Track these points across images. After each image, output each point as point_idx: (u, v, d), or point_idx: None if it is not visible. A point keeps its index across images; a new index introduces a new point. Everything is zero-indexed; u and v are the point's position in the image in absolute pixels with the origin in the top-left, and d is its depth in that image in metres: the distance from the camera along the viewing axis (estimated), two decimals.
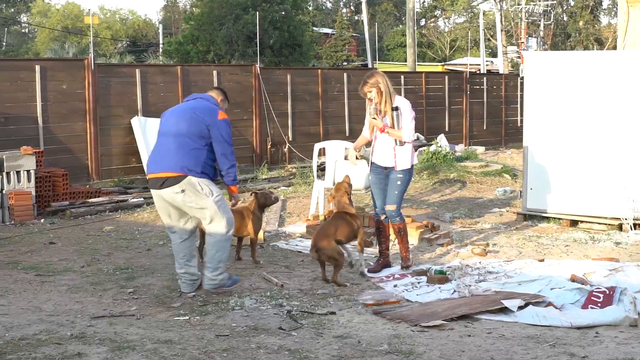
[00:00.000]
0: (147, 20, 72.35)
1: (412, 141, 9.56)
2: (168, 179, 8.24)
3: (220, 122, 8.34)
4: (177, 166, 8.22)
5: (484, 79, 30.21)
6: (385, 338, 6.81)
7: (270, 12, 31.09)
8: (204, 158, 8.28)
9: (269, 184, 17.49)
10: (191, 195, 8.24)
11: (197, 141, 8.26)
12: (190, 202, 8.27)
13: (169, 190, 8.26)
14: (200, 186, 8.24)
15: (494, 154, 25.66)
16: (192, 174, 8.21)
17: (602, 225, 12.30)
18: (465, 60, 52.83)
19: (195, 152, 8.25)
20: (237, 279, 8.63)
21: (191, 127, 8.31)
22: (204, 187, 8.26)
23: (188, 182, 8.20)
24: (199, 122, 8.31)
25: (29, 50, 59.00)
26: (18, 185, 13.39)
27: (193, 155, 8.25)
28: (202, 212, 8.35)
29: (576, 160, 12.50)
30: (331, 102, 23.06)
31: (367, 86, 9.42)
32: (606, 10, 72.91)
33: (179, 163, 8.22)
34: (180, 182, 8.20)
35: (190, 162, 8.22)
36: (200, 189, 8.24)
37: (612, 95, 12.23)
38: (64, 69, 17.37)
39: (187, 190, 8.22)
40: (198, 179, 8.24)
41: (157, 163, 8.39)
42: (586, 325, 7.23)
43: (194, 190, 8.23)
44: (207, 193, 8.28)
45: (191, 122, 8.33)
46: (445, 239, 11.31)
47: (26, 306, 7.88)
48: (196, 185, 8.22)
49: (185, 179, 8.19)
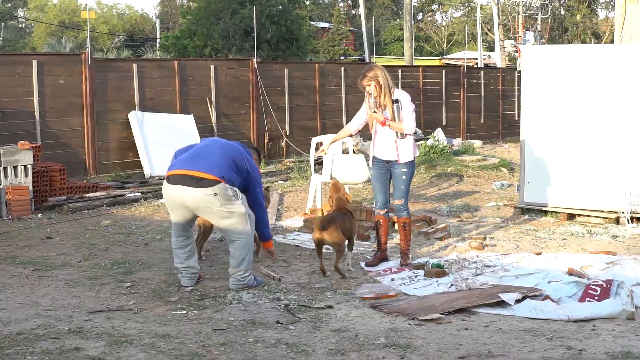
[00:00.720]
0: (144, 14, 72.38)
1: (413, 134, 9.56)
2: (203, 180, 8.22)
3: (258, 173, 8.75)
4: (216, 171, 8.27)
5: (481, 73, 30.21)
6: (383, 332, 6.82)
7: (267, 6, 31.05)
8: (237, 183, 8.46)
9: (266, 178, 17.49)
10: (222, 200, 8.25)
11: (235, 169, 8.43)
12: (217, 207, 8.27)
13: (201, 191, 8.21)
14: (231, 191, 8.30)
15: (491, 147, 25.67)
16: (226, 182, 8.28)
17: (600, 219, 12.31)
18: (463, 54, 52.84)
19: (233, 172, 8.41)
20: (261, 281, 8.60)
21: (236, 157, 8.52)
22: (232, 192, 8.32)
23: (222, 187, 8.24)
24: (242, 159, 8.58)
25: (26, 45, 58.96)
26: (15, 180, 13.38)
27: (232, 172, 8.38)
28: (230, 216, 8.34)
29: (573, 154, 12.50)
30: (328, 96, 23.06)
31: (365, 79, 9.40)
32: (603, 4, 72.87)
33: (219, 169, 8.29)
34: (213, 185, 8.21)
35: (228, 174, 8.33)
36: (231, 194, 8.27)
37: (610, 89, 12.23)
38: (61, 63, 17.36)
39: (219, 195, 8.24)
40: (229, 186, 8.30)
41: (194, 162, 8.39)
42: (583, 318, 7.24)
43: (225, 195, 8.26)
44: (235, 196, 8.34)
45: (236, 153, 8.57)
46: (443, 232, 11.31)
47: (24, 301, 7.88)
48: (228, 190, 8.27)
49: (220, 184, 8.22)
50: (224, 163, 8.34)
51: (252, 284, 8.43)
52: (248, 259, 8.40)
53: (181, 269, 8.54)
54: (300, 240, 10.98)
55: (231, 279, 8.43)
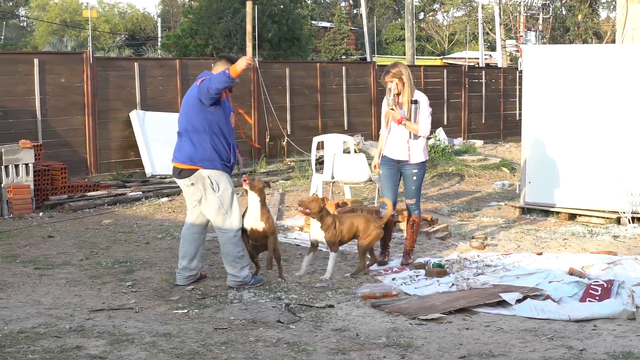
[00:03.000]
0: (145, 13, 72.35)
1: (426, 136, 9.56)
2: (183, 170, 8.38)
3: (200, 87, 8.31)
4: (187, 158, 8.33)
5: (483, 73, 30.17)
6: (384, 331, 6.83)
7: (268, 5, 31.06)
8: (209, 145, 8.33)
9: (267, 177, 17.48)
10: (200, 189, 8.34)
11: (198, 129, 8.31)
12: (196, 196, 8.37)
13: (181, 181, 8.48)
14: (209, 180, 8.29)
15: (493, 147, 25.68)
16: (202, 164, 8.30)
17: (601, 219, 12.32)
18: (464, 54, 52.81)
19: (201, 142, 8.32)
20: (260, 279, 8.60)
21: (190, 118, 8.41)
22: (213, 182, 8.31)
23: (198, 176, 8.30)
24: (192, 110, 8.41)
25: (27, 43, 58.96)
26: (17, 179, 13.39)
27: (200, 146, 8.31)
28: (207, 206, 8.41)
29: (575, 154, 12.51)
30: (330, 95, 23.04)
31: (389, 75, 9.39)
32: (605, 4, 72.85)
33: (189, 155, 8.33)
34: (191, 175, 8.32)
35: (199, 154, 8.30)
36: (209, 183, 8.28)
37: (611, 89, 12.24)
38: (63, 62, 17.35)
39: (197, 184, 8.32)
40: (208, 172, 8.30)
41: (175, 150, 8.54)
42: (584, 318, 7.25)
43: (203, 185, 8.31)
44: (215, 188, 8.33)
45: (187, 113, 8.46)
46: (444, 232, 11.32)
47: (25, 299, 7.89)
48: (205, 179, 8.28)
49: (196, 172, 8.29)
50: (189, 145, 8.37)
51: (249, 281, 8.43)
52: (235, 255, 8.38)
53: (178, 269, 8.58)
54: (301, 240, 10.99)
55: (228, 276, 8.47)
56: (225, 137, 8.44)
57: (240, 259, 8.41)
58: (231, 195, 8.49)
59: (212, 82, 8.14)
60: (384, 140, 9.67)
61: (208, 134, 8.30)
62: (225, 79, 8.10)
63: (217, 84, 8.12)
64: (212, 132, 8.32)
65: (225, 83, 8.13)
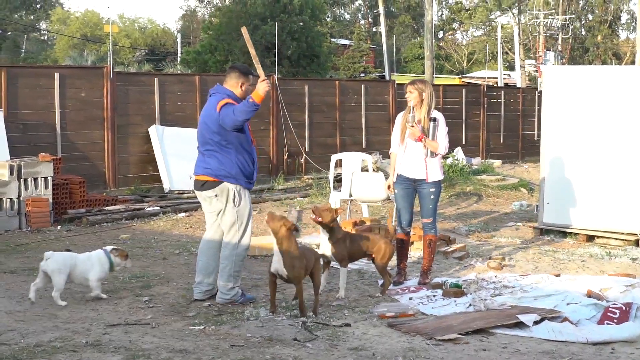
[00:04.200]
0: (165, 29, 72.59)
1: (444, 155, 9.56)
2: (207, 182, 8.37)
3: (222, 115, 8.22)
4: (213, 172, 8.34)
5: (502, 93, 30.19)
6: (400, 351, 6.80)
7: (288, 22, 31.18)
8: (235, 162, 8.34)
9: (285, 194, 17.50)
10: (222, 202, 8.38)
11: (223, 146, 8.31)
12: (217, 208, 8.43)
13: (204, 193, 8.46)
14: (233, 193, 8.35)
15: (511, 167, 25.64)
16: (228, 180, 8.32)
17: (619, 241, 12.26)
18: (483, 74, 52.77)
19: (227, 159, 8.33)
20: (250, 297, 8.59)
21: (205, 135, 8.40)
22: (236, 195, 8.36)
23: (223, 187, 8.33)
24: (208, 130, 8.35)
25: (48, 57, 59.26)
26: (35, 192, 13.44)
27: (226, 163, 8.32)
28: (223, 220, 8.42)
29: (593, 175, 12.46)
30: (348, 113, 23.08)
31: (412, 86, 9.40)
32: (625, 25, 72.81)
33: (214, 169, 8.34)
34: (215, 187, 8.33)
35: (226, 169, 8.32)
36: (232, 197, 8.34)
37: (630, 111, 12.20)
38: (83, 76, 17.46)
39: (220, 196, 8.36)
40: (234, 186, 8.33)
41: (197, 164, 8.55)
42: (602, 341, 7.20)
43: (227, 197, 8.35)
44: (236, 202, 8.37)
45: (203, 131, 8.42)
46: (461, 252, 11.28)
47: (42, 313, 7.91)
48: (230, 191, 8.34)
49: (222, 185, 8.31)
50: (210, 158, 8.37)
51: (238, 299, 8.42)
52: (231, 273, 8.38)
53: (196, 283, 8.60)
54: None
55: (218, 293, 8.49)
56: (249, 153, 8.45)
57: (235, 278, 8.42)
58: (249, 214, 8.51)
59: (238, 114, 8.09)
60: (398, 159, 9.62)
61: (233, 151, 8.31)
62: (251, 108, 8.10)
63: (245, 115, 8.12)
64: (237, 150, 8.32)
65: (252, 113, 8.14)
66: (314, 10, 33.86)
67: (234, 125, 8.15)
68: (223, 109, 8.17)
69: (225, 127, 8.18)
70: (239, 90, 8.46)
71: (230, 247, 8.43)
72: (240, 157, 8.34)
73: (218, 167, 8.30)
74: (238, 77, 8.48)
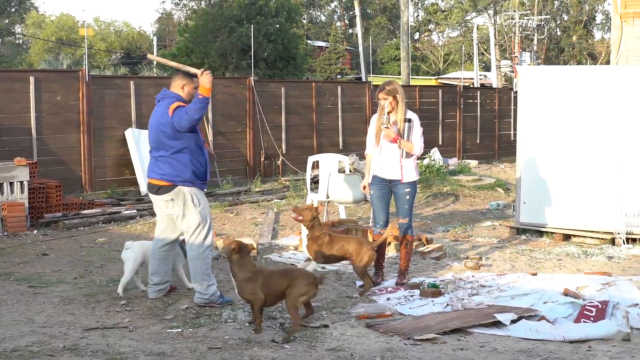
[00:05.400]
0: (141, 32, 72.42)
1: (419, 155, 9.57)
2: (162, 187, 8.43)
3: (175, 118, 8.27)
4: (166, 176, 8.40)
5: (478, 93, 30.30)
6: (378, 351, 6.81)
7: (264, 25, 31.14)
8: (189, 164, 8.39)
9: (262, 196, 17.48)
10: (180, 205, 8.42)
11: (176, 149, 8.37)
12: (174, 212, 8.49)
13: (159, 197, 8.51)
14: (191, 196, 8.39)
15: (487, 167, 25.72)
16: (183, 184, 8.37)
17: (595, 240, 12.32)
18: (459, 74, 52.90)
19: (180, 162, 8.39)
20: (228, 299, 8.60)
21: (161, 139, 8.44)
22: (194, 197, 8.41)
23: (178, 191, 8.37)
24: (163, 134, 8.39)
25: (23, 61, 58.96)
26: (11, 197, 13.38)
27: (179, 166, 8.38)
28: (185, 222, 8.49)
29: (569, 175, 12.53)
30: (325, 115, 23.09)
31: (383, 92, 9.34)
32: (599, 25, 73.18)
33: (168, 173, 8.39)
34: (170, 191, 8.39)
35: (179, 173, 8.36)
36: (190, 199, 8.38)
37: (606, 110, 12.28)
38: (58, 80, 17.38)
39: (177, 200, 8.40)
40: (189, 189, 8.38)
41: (150, 167, 8.61)
42: (579, 339, 7.24)
43: (184, 200, 8.39)
44: (196, 203, 8.42)
45: (156, 136, 8.48)
46: (438, 252, 11.31)
47: (19, 318, 7.87)
48: (187, 194, 8.38)
49: (176, 189, 8.36)
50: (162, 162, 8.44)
51: (216, 300, 8.46)
52: (203, 272, 8.44)
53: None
54: (295, 259, 10.96)
55: (195, 294, 8.54)
56: (202, 154, 8.55)
57: (208, 276, 8.47)
58: (208, 213, 8.63)
59: (192, 113, 8.16)
60: (373, 160, 9.64)
61: (188, 155, 8.39)
62: (203, 104, 8.17)
63: (199, 112, 8.18)
64: (192, 152, 8.41)
65: (205, 108, 8.22)
66: (290, 13, 33.85)
67: (191, 125, 8.23)
68: (176, 112, 8.26)
69: (181, 129, 8.25)
70: (183, 93, 8.50)
71: (195, 247, 8.50)
72: (195, 160, 8.44)
73: (171, 172, 8.37)
74: (181, 80, 8.56)
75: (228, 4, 33.01)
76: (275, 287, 7.51)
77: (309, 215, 8.90)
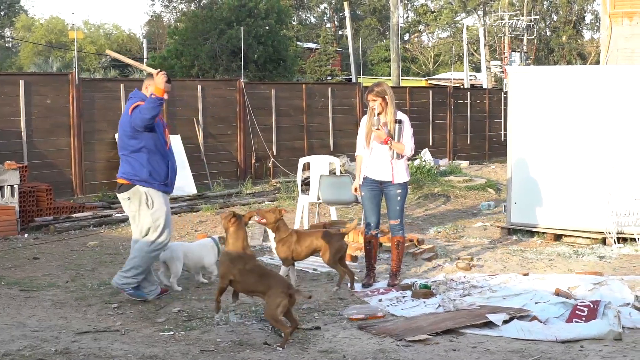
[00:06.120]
0: (131, 34, 72.25)
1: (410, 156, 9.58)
2: (122, 185, 8.64)
3: (133, 117, 8.44)
4: (126, 175, 8.58)
5: (468, 94, 30.32)
6: (371, 353, 6.81)
7: (254, 27, 31.12)
8: (146, 164, 8.52)
9: (253, 198, 17.48)
10: (136, 204, 8.60)
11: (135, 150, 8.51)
12: (132, 211, 8.68)
13: (120, 195, 8.74)
14: (145, 196, 8.54)
15: (478, 168, 25.75)
16: (140, 183, 8.53)
17: (586, 239, 12.34)
18: (449, 75, 52.95)
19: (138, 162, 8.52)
20: (142, 294, 8.73)
21: (122, 138, 8.62)
22: (149, 198, 8.56)
23: (135, 191, 8.55)
24: (124, 133, 8.57)
25: (13, 64, 58.85)
26: (2, 200, 13.34)
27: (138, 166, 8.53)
28: (139, 222, 8.69)
29: (560, 175, 12.55)
30: (315, 116, 23.09)
31: (372, 94, 9.33)
32: (589, 25, 73.24)
33: (128, 173, 8.57)
34: (128, 190, 8.58)
35: (138, 173, 8.52)
36: (145, 199, 8.55)
37: (596, 110, 12.30)
38: (48, 83, 17.35)
39: (133, 199, 8.57)
40: (146, 189, 8.53)
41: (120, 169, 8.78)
42: (571, 339, 7.25)
43: (139, 200, 8.56)
44: (149, 205, 8.57)
45: (120, 134, 8.66)
46: (430, 253, 11.32)
47: (10, 322, 7.85)
48: (142, 194, 8.53)
49: (134, 188, 8.54)
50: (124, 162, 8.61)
51: (128, 290, 8.63)
52: (134, 264, 8.60)
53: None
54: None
55: (116, 275, 8.74)
56: (163, 156, 8.64)
57: (135, 270, 8.61)
58: (165, 215, 8.68)
59: (144, 112, 8.31)
60: (364, 161, 9.64)
61: (145, 155, 8.51)
62: (155, 103, 8.30)
63: (151, 112, 8.31)
64: (150, 153, 8.53)
65: (157, 108, 8.34)
66: (280, 14, 33.83)
67: (144, 124, 8.34)
68: (134, 111, 8.42)
69: (137, 128, 8.38)
70: (147, 93, 8.61)
71: (143, 243, 8.65)
72: (153, 161, 8.54)
73: (130, 171, 8.52)
74: (147, 81, 8.69)
75: (218, 6, 33.01)
76: (249, 284, 7.61)
77: (272, 218, 8.95)
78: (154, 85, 8.33)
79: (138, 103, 8.46)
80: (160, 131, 8.61)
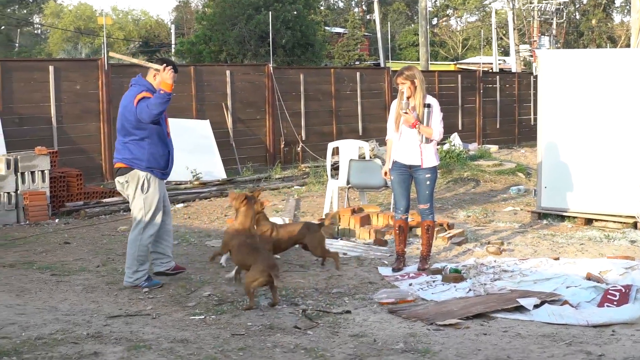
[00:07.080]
0: (159, 20, 72.39)
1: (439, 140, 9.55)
2: (120, 169, 8.68)
3: (138, 109, 8.42)
4: (126, 160, 8.61)
5: (497, 78, 30.16)
6: (401, 337, 6.81)
7: (282, 11, 31.07)
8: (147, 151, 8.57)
9: (282, 183, 17.49)
10: (132, 187, 8.64)
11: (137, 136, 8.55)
12: (128, 194, 8.74)
13: (117, 179, 8.78)
14: (142, 181, 8.59)
15: (508, 152, 25.63)
16: (140, 168, 8.57)
17: (617, 224, 12.26)
18: (478, 59, 52.75)
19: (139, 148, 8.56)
20: (156, 282, 8.78)
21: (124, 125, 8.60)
22: (145, 183, 8.60)
23: (133, 174, 8.60)
24: (126, 121, 8.55)
25: (42, 51, 59.16)
26: (32, 186, 13.42)
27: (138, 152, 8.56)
28: (132, 206, 8.75)
29: (591, 159, 12.46)
30: (344, 101, 23.07)
31: (402, 77, 9.30)
32: (619, 8, 72.62)
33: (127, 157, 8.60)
34: (126, 173, 8.62)
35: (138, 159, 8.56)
36: (140, 184, 8.60)
37: (627, 94, 12.19)
38: (78, 69, 17.44)
39: (131, 182, 8.62)
40: (144, 174, 8.58)
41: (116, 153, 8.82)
42: (602, 323, 7.21)
43: (136, 184, 8.61)
44: (144, 189, 8.62)
45: (121, 121, 8.64)
46: (460, 237, 11.28)
47: (42, 306, 7.90)
48: (140, 179, 8.59)
49: (132, 171, 8.59)
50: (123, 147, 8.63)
51: (142, 283, 8.66)
52: (135, 256, 8.64)
53: None
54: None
55: (125, 276, 8.78)
56: (164, 145, 8.69)
57: (138, 262, 8.65)
58: (158, 202, 8.71)
59: (152, 108, 8.30)
60: (393, 145, 9.61)
61: (147, 143, 8.55)
62: (164, 99, 8.30)
63: (159, 107, 8.32)
64: (151, 142, 8.58)
65: (165, 103, 8.35)
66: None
67: (150, 119, 8.38)
68: (140, 102, 8.39)
69: (142, 120, 8.40)
70: (155, 82, 8.59)
71: (136, 232, 8.69)
72: (154, 150, 8.58)
73: (130, 156, 8.54)
74: (155, 70, 8.62)
75: None
76: (240, 257, 8.30)
77: (236, 203, 8.89)
78: (162, 81, 8.31)
79: (144, 94, 8.43)
80: (162, 121, 8.63)
